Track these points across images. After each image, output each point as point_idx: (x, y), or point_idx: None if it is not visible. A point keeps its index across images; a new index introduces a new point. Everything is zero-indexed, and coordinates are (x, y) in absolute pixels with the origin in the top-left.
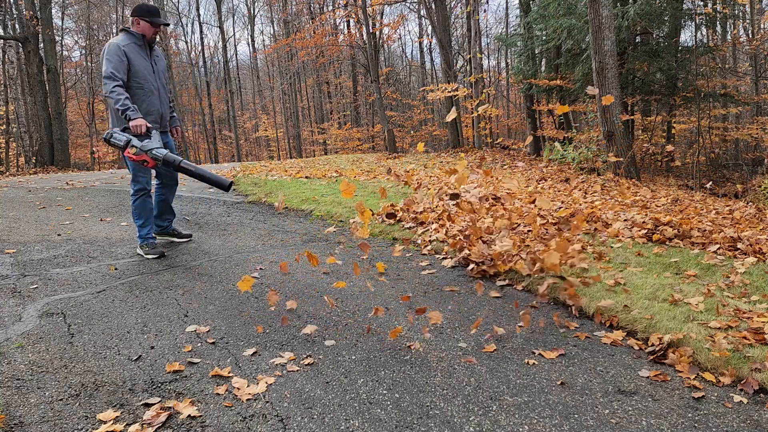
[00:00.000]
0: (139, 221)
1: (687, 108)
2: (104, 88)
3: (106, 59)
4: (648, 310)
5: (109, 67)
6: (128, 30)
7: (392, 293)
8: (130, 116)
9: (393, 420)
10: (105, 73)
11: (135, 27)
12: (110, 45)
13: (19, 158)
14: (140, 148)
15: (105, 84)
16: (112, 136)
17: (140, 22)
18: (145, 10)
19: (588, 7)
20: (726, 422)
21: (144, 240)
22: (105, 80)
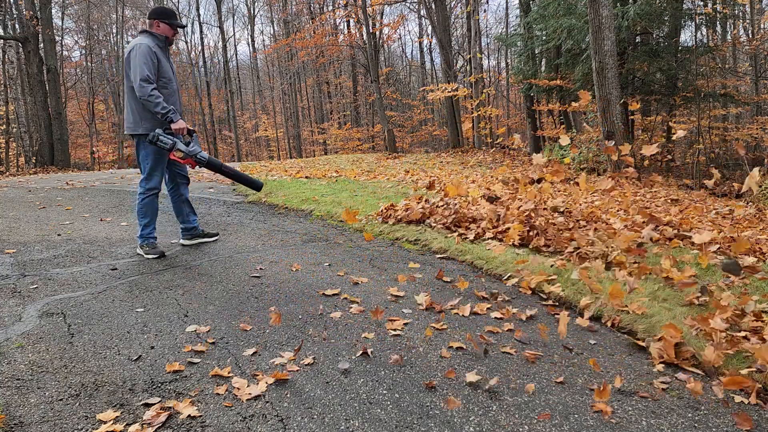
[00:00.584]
0: (145, 220)
1: (687, 108)
2: (141, 90)
3: (141, 62)
4: (648, 310)
5: (145, 70)
6: (150, 32)
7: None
8: (172, 119)
9: (393, 420)
10: (141, 76)
11: (155, 29)
12: (141, 46)
13: (19, 158)
14: (186, 152)
15: (143, 87)
16: (159, 138)
17: (160, 24)
18: (165, 12)
19: (588, 7)
20: (726, 422)
21: (145, 239)
22: (142, 83)
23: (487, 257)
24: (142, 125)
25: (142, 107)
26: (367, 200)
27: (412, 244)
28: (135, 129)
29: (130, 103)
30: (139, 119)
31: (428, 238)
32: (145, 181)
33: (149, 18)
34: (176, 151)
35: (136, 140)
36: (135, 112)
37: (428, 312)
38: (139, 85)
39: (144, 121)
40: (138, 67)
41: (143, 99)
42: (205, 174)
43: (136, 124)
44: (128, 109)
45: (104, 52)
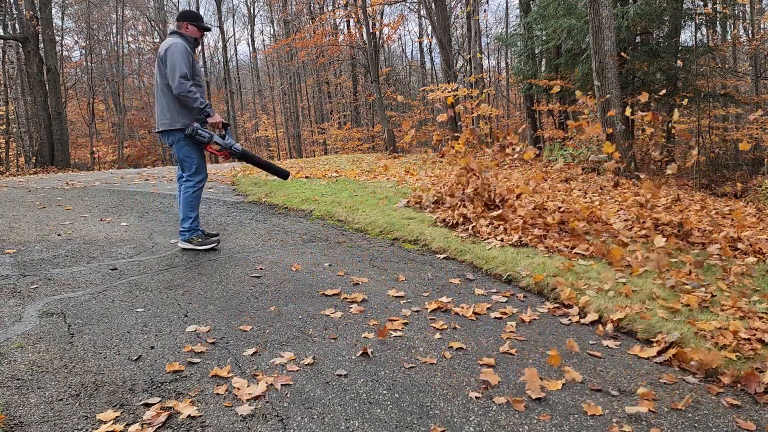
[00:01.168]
0: (194, 213)
1: (687, 108)
2: (180, 87)
3: (180, 60)
4: (648, 310)
5: (183, 67)
6: (180, 33)
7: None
8: (208, 113)
9: (393, 420)
10: (180, 73)
11: (184, 30)
12: (178, 45)
13: (19, 158)
14: (223, 145)
15: (182, 83)
16: (197, 132)
17: (189, 26)
18: (193, 15)
19: (588, 7)
20: (726, 422)
21: (194, 232)
22: (181, 80)
23: (487, 257)
24: (180, 120)
25: (180, 103)
26: (366, 200)
27: (412, 244)
28: (173, 124)
29: (166, 101)
30: (176, 115)
31: (428, 238)
32: (194, 175)
33: (178, 20)
34: (213, 144)
35: (173, 137)
36: (172, 108)
37: (429, 312)
38: (178, 82)
39: (181, 117)
40: (177, 64)
41: (182, 95)
42: None
43: (173, 120)
44: (163, 106)
45: (104, 52)
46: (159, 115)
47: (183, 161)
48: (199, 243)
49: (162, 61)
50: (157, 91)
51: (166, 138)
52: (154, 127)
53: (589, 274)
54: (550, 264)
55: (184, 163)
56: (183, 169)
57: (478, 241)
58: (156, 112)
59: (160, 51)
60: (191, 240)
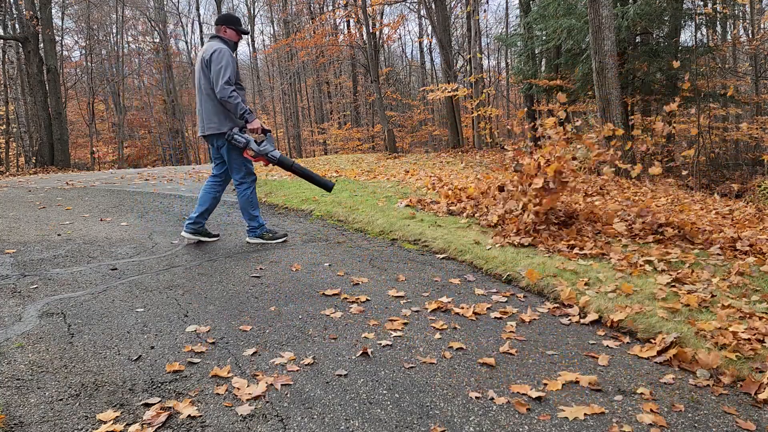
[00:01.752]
0: (256, 210)
1: (687, 108)
2: (223, 92)
3: (226, 65)
4: (648, 310)
5: (228, 72)
6: (220, 37)
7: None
8: (248, 119)
9: (393, 420)
10: (225, 79)
11: (223, 34)
12: (223, 50)
13: (19, 158)
14: (257, 151)
15: (224, 88)
16: (233, 137)
17: (227, 30)
18: (232, 19)
19: (588, 7)
20: (726, 422)
21: (262, 228)
22: (225, 85)
23: (487, 257)
24: (227, 124)
25: (226, 108)
26: (366, 200)
27: (412, 244)
28: (220, 128)
29: (212, 105)
30: (223, 119)
31: (428, 238)
32: (246, 177)
33: (217, 24)
34: (249, 149)
35: (223, 140)
36: (219, 113)
37: (429, 312)
38: (221, 87)
39: (228, 121)
40: (222, 70)
41: (223, 99)
42: (204, 175)
43: (221, 123)
44: (209, 111)
45: (104, 52)
46: (205, 119)
47: (232, 164)
48: (270, 237)
49: (207, 65)
50: (201, 95)
51: (214, 141)
52: (153, 127)
53: (589, 274)
54: (550, 264)
55: (234, 166)
56: (234, 171)
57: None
58: (200, 116)
59: (204, 55)
60: (263, 235)
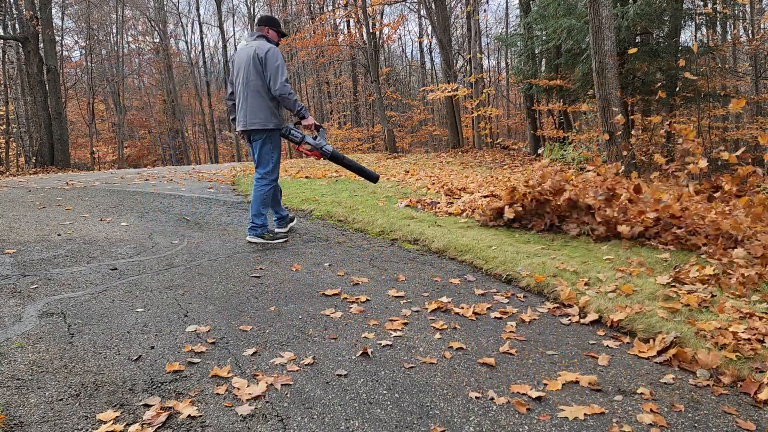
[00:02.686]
0: (266, 210)
1: (687, 108)
2: (283, 89)
3: (282, 63)
4: (648, 310)
5: (285, 71)
6: (265, 36)
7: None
8: (304, 115)
9: (393, 420)
10: (284, 77)
11: (266, 34)
12: (276, 50)
13: (19, 158)
14: (314, 145)
15: (285, 86)
16: (290, 132)
17: (270, 30)
18: (273, 21)
19: (588, 7)
20: (726, 422)
21: (265, 228)
22: (285, 83)
23: (487, 257)
24: (272, 121)
25: (274, 105)
26: (366, 200)
27: (412, 244)
28: (266, 124)
29: (260, 101)
30: (270, 116)
31: (428, 238)
32: (270, 173)
33: (260, 24)
34: (304, 144)
35: (262, 135)
36: (266, 109)
37: (429, 312)
38: (281, 84)
39: (274, 118)
40: (280, 68)
41: (283, 96)
42: (205, 174)
43: (267, 119)
44: (256, 106)
45: (104, 52)
46: (249, 114)
47: (262, 158)
48: (271, 238)
49: (261, 62)
50: (248, 90)
51: (252, 135)
52: (153, 127)
53: (589, 274)
54: (551, 264)
55: (263, 161)
56: (260, 165)
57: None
58: (243, 111)
59: (258, 52)
60: (263, 235)
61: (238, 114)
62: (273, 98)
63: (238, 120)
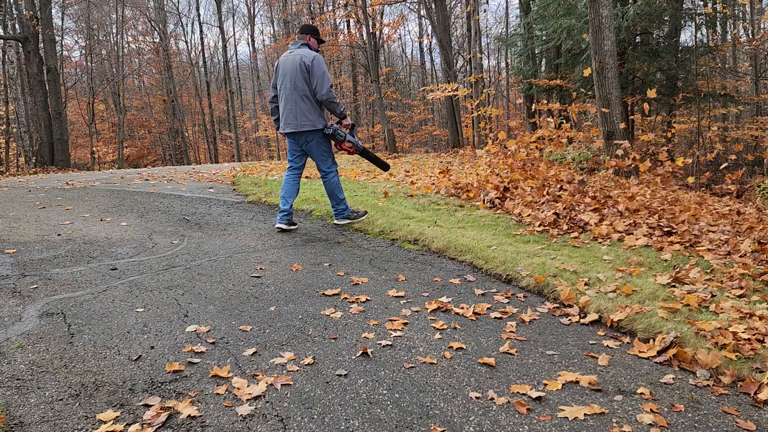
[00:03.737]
0: (342, 194)
1: (687, 108)
2: (329, 94)
3: (326, 70)
4: (648, 310)
5: (329, 79)
6: (308, 45)
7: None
8: (345, 116)
9: (393, 420)
10: (330, 83)
11: (308, 41)
12: (320, 59)
13: (19, 158)
14: (354, 143)
15: (330, 91)
16: (337, 132)
17: (311, 39)
18: (315, 29)
19: (588, 7)
20: (726, 422)
21: (349, 209)
22: (330, 89)
23: (487, 257)
24: (320, 122)
25: (319, 107)
26: (366, 200)
27: (412, 243)
28: (316, 125)
29: (308, 105)
30: (318, 118)
31: (428, 238)
32: (332, 166)
33: (302, 32)
34: (347, 141)
35: (313, 136)
36: (313, 112)
37: (429, 312)
38: (327, 90)
39: (322, 119)
40: (325, 74)
41: (329, 100)
42: (205, 174)
43: (316, 121)
44: (306, 109)
45: (104, 52)
46: (300, 117)
47: (320, 156)
48: (355, 217)
49: (307, 69)
50: (295, 95)
51: (303, 137)
52: (153, 127)
53: (589, 273)
54: (551, 264)
55: (322, 158)
56: (320, 162)
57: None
58: (292, 114)
59: (304, 60)
60: (349, 216)
61: (285, 117)
62: (318, 102)
63: (285, 123)
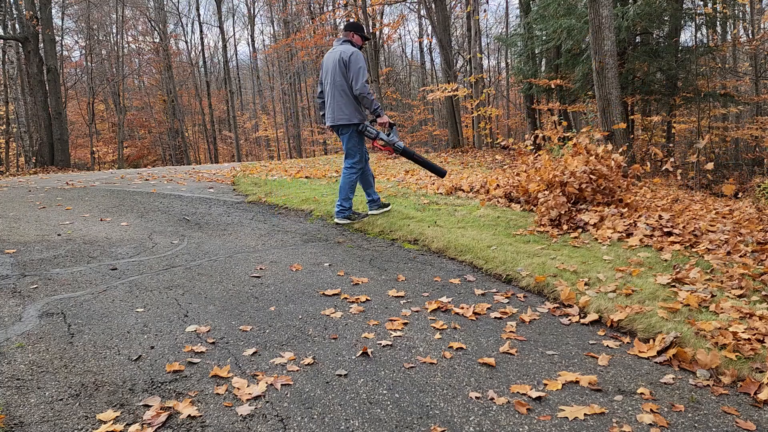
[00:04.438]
0: (352, 194)
1: (687, 108)
2: (364, 88)
3: (364, 67)
4: (648, 310)
5: (366, 73)
6: (350, 41)
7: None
8: (380, 114)
9: (393, 420)
10: (365, 78)
11: (351, 38)
12: (359, 54)
13: (19, 158)
14: (387, 141)
15: (365, 86)
16: (366, 128)
17: (354, 35)
18: (359, 26)
19: (588, 7)
20: (726, 422)
21: (350, 210)
22: (365, 84)
23: (487, 257)
24: (356, 117)
25: (356, 102)
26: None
27: (411, 244)
28: (351, 119)
29: (345, 99)
30: (354, 112)
31: (428, 238)
32: (357, 163)
33: (347, 29)
34: (379, 140)
35: (348, 129)
36: (350, 106)
37: (429, 312)
38: (362, 85)
39: (357, 114)
40: (362, 69)
41: (363, 95)
42: (205, 174)
43: (352, 115)
44: (342, 103)
45: (104, 52)
46: (336, 111)
47: (350, 150)
48: (355, 218)
49: (345, 64)
50: (334, 90)
51: (339, 130)
52: (153, 127)
53: (589, 274)
54: (551, 264)
55: (350, 152)
56: (347, 157)
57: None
58: (330, 108)
59: (343, 56)
60: (349, 216)
61: (327, 111)
62: (356, 96)
63: (327, 116)
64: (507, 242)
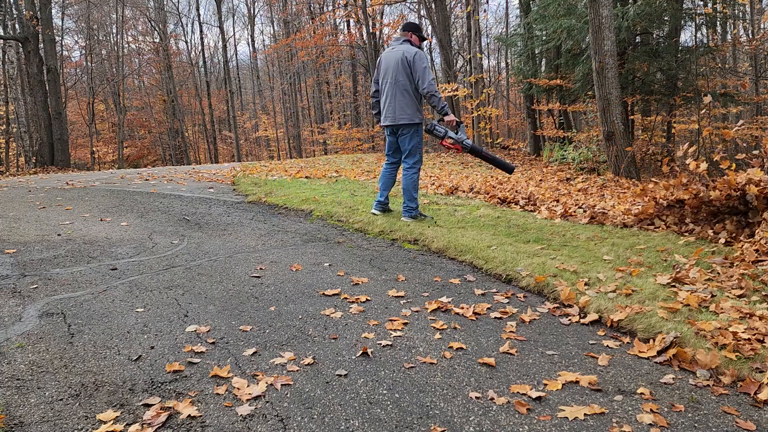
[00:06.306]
0: (416, 194)
1: (687, 108)
2: (431, 88)
3: (428, 66)
4: (648, 310)
5: (431, 72)
6: (410, 41)
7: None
8: (447, 112)
9: (393, 420)
10: (430, 76)
11: (410, 38)
12: (422, 54)
13: (19, 158)
14: (456, 139)
15: (432, 85)
16: (435, 128)
17: (413, 36)
18: (417, 27)
19: (588, 7)
20: (726, 422)
21: (417, 210)
22: (432, 82)
23: (487, 257)
24: (418, 116)
25: (418, 102)
26: (366, 200)
27: (411, 244)
28: (413, 119)
29: (408, 99)
30: (416, 112)
31: (428, 238)
32: (418, 162)
33: (405, 30)
34: (447, 138)
35: (409, 129)
36: (412, 105)
37: (429, 312)
38: (429, 83)
39: (419, 113)
40: (427, 69)
41: (431, 93)
42: (205, 174)
43: (413, 115)
44: (404, 103)
45: (104, 52)
46: (398, 110)
47: (411, 149)
48: (421, 219)
49: (409, 64)
50: (396, 89)
51: (399, 129)
52: (153, 127)
53: (589, 274)
54: (550, 264)
55: (412, 152)
56: (409, 156)
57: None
58: (391, 108)
59: (406, 55)
60: (416, 216)
61: (385, 110)
62: (419, 96)
63: (385, 116)
64: (507, 242)
